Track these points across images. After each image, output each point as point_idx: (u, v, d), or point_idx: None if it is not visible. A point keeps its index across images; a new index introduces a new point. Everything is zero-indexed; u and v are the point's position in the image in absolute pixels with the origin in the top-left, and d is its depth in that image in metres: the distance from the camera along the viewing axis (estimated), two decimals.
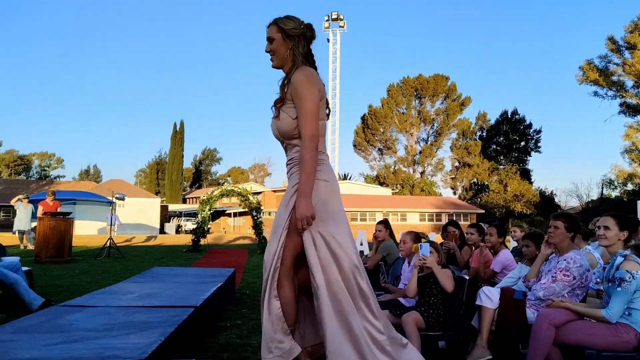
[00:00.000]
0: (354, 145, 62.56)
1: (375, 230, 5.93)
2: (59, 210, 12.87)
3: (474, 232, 5.15)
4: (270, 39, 2.53)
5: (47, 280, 8.34)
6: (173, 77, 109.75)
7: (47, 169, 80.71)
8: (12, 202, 15.39)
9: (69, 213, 12.32)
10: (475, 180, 60.09)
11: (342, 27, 36.38)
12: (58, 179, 72.42)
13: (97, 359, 2.72)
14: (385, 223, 6.02)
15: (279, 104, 2.52)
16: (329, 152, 25.66)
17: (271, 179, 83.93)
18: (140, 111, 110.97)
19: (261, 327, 4.90)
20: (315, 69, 2.57)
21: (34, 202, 15.56)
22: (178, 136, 61.45)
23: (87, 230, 26.03)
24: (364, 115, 61.15)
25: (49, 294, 6.73)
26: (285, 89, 2.50)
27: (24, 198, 15.16)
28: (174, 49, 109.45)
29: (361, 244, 15.75)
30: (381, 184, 59.18)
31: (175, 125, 61.86)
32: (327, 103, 2.64)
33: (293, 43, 2.49)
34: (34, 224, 14.68)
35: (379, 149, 62.03)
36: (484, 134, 62.46)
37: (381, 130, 59.76)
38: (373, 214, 42.68)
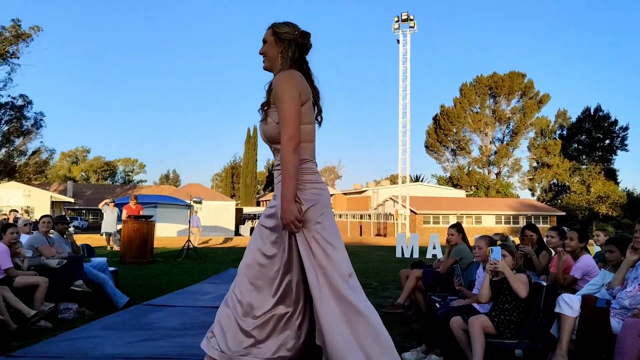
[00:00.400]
0: (426, 146, 61.48)
1: (448, 234, 5.80)
2: (141, 213, 13.62)
3: (554, 236, 4.89)
4: (264, 41, 2.55)
5: (131, 280, 8.83)
6: (246, 83, 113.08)
7: (130, 174, 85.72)
8: (100, 206, 16.46)
9: (151, 216, 13.00)
10: (555, 181, 57.12)
11: (413, 27, 35.83)
12: (140, 183, 76.68)
13: (177, 356, 2.86)
14: (457, 227, 5.87)
15: (265, 107, 2.49)
16: (399, 153, 24.96)
17: (342, 181, 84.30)
18: (216, 118, 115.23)
19: None
20: (310, 76, 2.53)
21: (119, 206, 16.59)
22: (252, 141, 63.21)
23: (167, 232, 27.35)
24: (436, 115, 59.95)
25: (133, 293, 7.13)
26: (270, 93, 2.49)
27: (110, 202, 16.19)
28: (248, 54, 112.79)
29: (434, 247, 15.45)
30: (454, 185, 57.68)
31: (248, 130, 63.68)
32: (319, 109, 2.59)
33: (283, 47, 2.48)
34: (119, 227, 15.65)
35: (452, 150, 60.54)
36: (565, 132, 59.25)
37: (454, 130, 58.29)
38: (446, 217, 41.68)
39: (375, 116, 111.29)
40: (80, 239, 8.55)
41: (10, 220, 10.47)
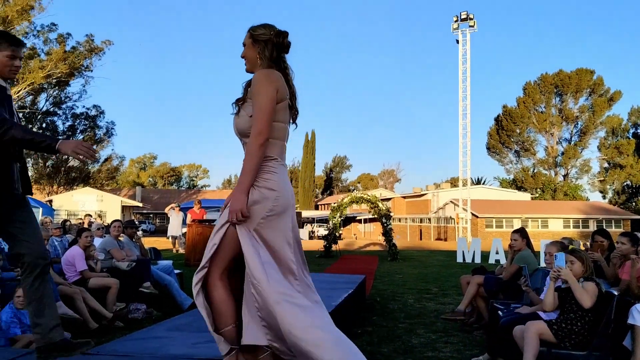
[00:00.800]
0: (488, 148, 59.76)
1: (511, 239, 5.62)
2: (205, 217, 14.06)
3: (625, 242, 4.63)
4: (243, 45, 2.58)
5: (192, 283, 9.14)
6: (304, 88, 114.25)
7: (194, 179, 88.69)
8: (166, 210, 17.14)
9: (214, 220, 13.40)
10: (628, 182, 53.89)
11: (472, 26, 34.96)
12: (204, 188, 79.17)
13: None
14: (521, 232, 5.68)
15: (240, 102, 2.51)
16: (460, 156, 24.27)
17: (401, 184, 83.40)
18: None
19: (388, 334, 4.88)
20: (287, 76, 2.54)
21: (184, 210, 17.21)
22: (310, 145, 63.84)
23: None
24: (498, 116, 58.17)
25: None
26: (247, 89, 2.51)
27: (175, 206, 16.83)
28: (303, 60, 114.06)
29: (496, 253, 14.98)
30: (519, 188, 55.69)
31: (307, 135, 64.40)
32: (295, 109, 2.59)
33: (260, 47, 2.50)
34: (184, 230, 16.22)
35: (516, 151, 58.49)
36: (639, 130, 55.83)
37: (517, 131, 56.31)
38: (510, 220, 40.29)
39: (434, 118, 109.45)
40: (148, 242, 8.96)
41: (85, 225, 11.11)
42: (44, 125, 40.13)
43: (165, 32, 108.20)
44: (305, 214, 53.07)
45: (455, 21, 35.14)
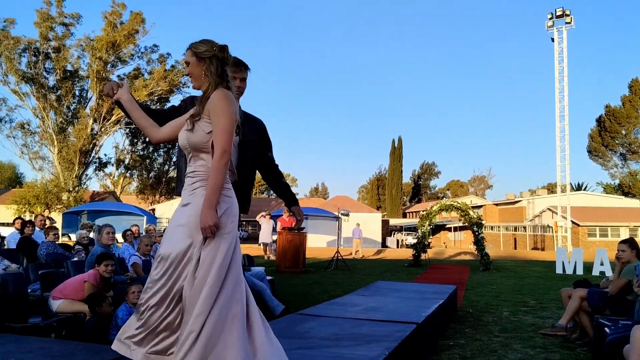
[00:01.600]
0: (589, 151, 55.78)
1: (618, 250, 5.20)
2: (294, 225, 14.40)
3: None
4: (187, 63, 2.65)
5: (286, 289, 9.37)
6: (390, 95, 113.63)
7: None
8: (257, 218, 17.76)
9: (303, 228, 13.67)
10: None
11: (569, 23, 32.91)
12: None
13: None
14: (630, 242, 5.24)
15: (195, 117, 2.56)
16: (557, 160, 22.91)
17: (492, 191, 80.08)
18: (361, 130, 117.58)
19: (482, 348, 4.70)
20: (229, 88, 2.60)
21: (274, 218, 17.72)
22: (397, 152, 63.27)
23: (317, 243, 28.46)
24: (600, 117, 54.16)
25: (288, 302, 7.55)
26: (202, 106, 2.56)
27: (266, 214, 17.39)
28: (392, 69, 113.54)
29: (601, 264, 13.93)
30: (625, 194, 51.37)
31: (393, 141, 63.91)
32: (238, 127, 2.65)
33: (206, 65, 2.58)
34: (274, 237, 16.70)
35: (621, 154, 54.05)
36: None
37: (623, 132, 52.05)
38: (616, 229, 37.25)
39: (528, 120, 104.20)
40: (241, 249, 9.34)
41: None
42: (147, 139, 43.11)
43: (254, 46, 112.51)
44: (393, 222, 52.51)
45: (550, 18, 33.29)
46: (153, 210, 35.71)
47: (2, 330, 4.17)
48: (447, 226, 49.56)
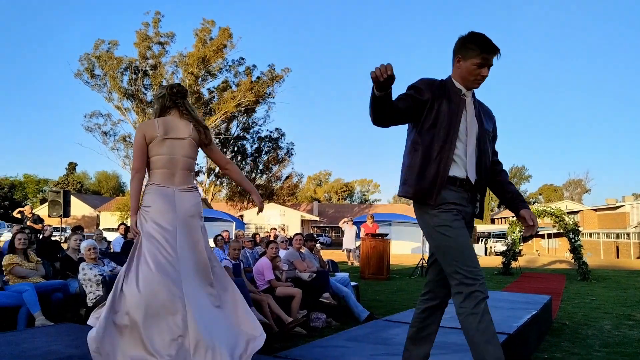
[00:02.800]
0: None
1: None
2: (377, 231, 14.33)
3: None
4: None
5: (370, 295, 9.35)
6: (480, 98, 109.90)
7: (366, 194, 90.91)
8: (340, 224, 17.88)
9: (387, 234, 13.59)
10: None
11: None
12: (375, 202, 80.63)
13: None
14: None
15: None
16: None
17: (590, 196, 74.85)
18: None
19: None
20: (185, 116, 3.30)
21: (357, 224, 17.75)
22: None
23: (401, 249, 28.11)
24: None
25: (372, 308, 7.54)
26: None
27: (348, 220, 17.46)
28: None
29: None
30: None
31: None
32: (203, 129, 3.31)
33: (155, 105, 3.42)
34: (358, 243, 16.72)
35: None
36: None
37: None
38: None
39: (630, 119, 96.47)
40: (325, 254, 9.46)
41: (272, 237, 12.14)
42: (235, 148, 44.97)
43: (338, 56, 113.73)
44: (481, 228, 50.63)
45: None
46: (241, 216, 37.06)
47: None
48: (540, 233, 46.95)
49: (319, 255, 8.02)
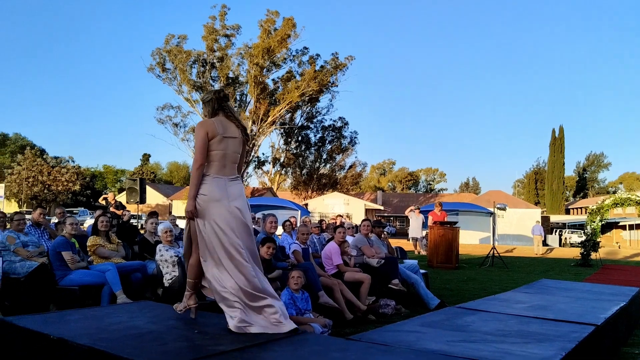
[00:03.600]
0: None
1: None
2: (446, 219, 13.97)
3: None
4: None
5: (439, 284, 9.13)
6: (548, 82, 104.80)
7: (431, 183, 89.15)
8: (406, 213, 17.58)
9: (456, 222, 13.21)
10: None
11: None
12: (441, 192, 78.90)
13: None
14: None
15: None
16: None
17: None
18: (516, 120, 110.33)
19: None
20: (230, 117, 3.73)
21: (424, 213, 17.39)
22: (557, 143, 58.10)
23: (469, 239, 27.31)
24: None
25: (443, 296, 7.35)
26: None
27: (415, 209, 17.13)
28: (546, 51, 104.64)
29: None
30: None
31: (553, 131, 58.76)
32: (243, 129, 3.76)
33: (205, 108, 3.82)
34: (424, 232, 16.40)
35: None
36: None
37: None
38: None
39: None
40: (391, 243, 9.33)
41: (338, 223, 12.13)
42: (299, 138, 45.36)
43: (402, 44, 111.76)
44: (554, 218, 48.33)
45: None
46: (306, 205, 37.40)
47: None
48: (621, 224, 44.18)
49: (387, 242, 7.90)
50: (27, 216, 7.49)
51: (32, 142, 61.04)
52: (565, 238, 38.42)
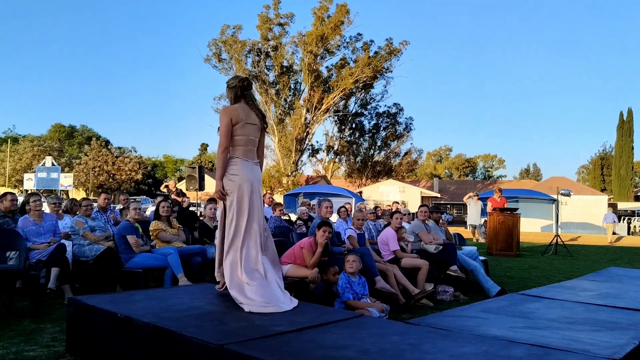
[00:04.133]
0: None
1: None
2: (506, 206, 13.53)
3: None
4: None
5: (499, 271, 8.87)
6: (615, 62, 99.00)
7: (490, 170, 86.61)
8: (465, 199, 17.18)
9: (516, 209, 12.77)
10: None
11: None
12: (500, 178, 76.56)
13: (565, 348, 2.68)
14: None
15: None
16: None
17: None
18: (580, 105, 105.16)
19: None
20: (250, 105, 3.94)
21: (483, 199, 16.92)
22: (625, 126, 54.86)
23: (530, 227, 26.36)
24: None
25: (503, 284, 7.14)
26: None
27: (474, 195, 16.69)
28: (614, 29, 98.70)
29: None
30: None
31: (621, 114, 55.48)
32: (263, 117, 4.01)
33: (229, 92, 3.98)
34: (483, 219, 15.97)
35: None
36: None
37: None
38: None
39: None
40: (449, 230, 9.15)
41: (394, 209, 12.02)
42: (353, 125, 45.16)
43: (459, 29, 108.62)
44: (622, 205, 45.80)
45: None
46: (360, 192, 37.31)
47: None
48: None
49: (446, 228, 7.74)
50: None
51: (97, 133, 64.13)
52: (635, 226, 36.42)
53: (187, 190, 13.05)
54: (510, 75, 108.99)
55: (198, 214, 12.48)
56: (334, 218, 8.90)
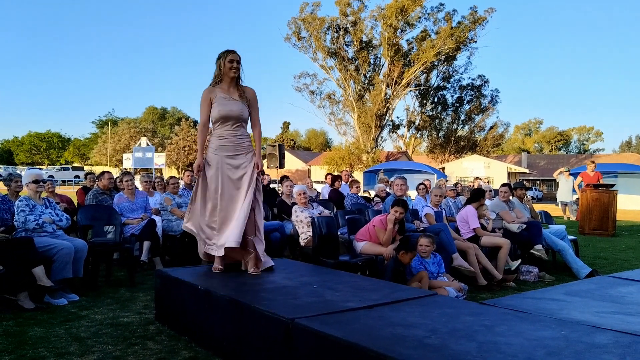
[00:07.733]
0: None
1: None
2: (600, 181, 12.62)
3: None
4: (238, 62, 4.17)
5: (591, 252, 8.34)
6: None
7: (585, 143, 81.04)
8: (555, 175, 16.20)
9: (613, 185, 11.87)
10: None
11: None
12: (597, 152, 71.47)
13: None
14: None
15: (244, 99, 4.20)
16: None
17: None
18: None
19: None
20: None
21: (574, 175, 15.86)
22: None
23: (630, 205, 24.45)
24: None
25: (595, 265, 6.71)
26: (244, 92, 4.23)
27: (565, 170, 15.69)
28: None
29: None
30: None
31: None
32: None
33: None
34: (575, 197, 15.00)
35: None
36: None
37: None
38: None
39: None
40: (536, 209, 8.66)
41: (475, 186, 11.63)
42: (435, 99, 43.91)
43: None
44: None
45: None
46: (443, 168, 36.39)
47: (319, 263, 4.86)
48: None
49: (530, 205, 7.36)
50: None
51: (186, 114, 67.30)
52: None
53: (267, 168, 13.38)
54: (606, 39, 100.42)
55: (280, 191, 12.80)
56: (412, 194, 8.78)
